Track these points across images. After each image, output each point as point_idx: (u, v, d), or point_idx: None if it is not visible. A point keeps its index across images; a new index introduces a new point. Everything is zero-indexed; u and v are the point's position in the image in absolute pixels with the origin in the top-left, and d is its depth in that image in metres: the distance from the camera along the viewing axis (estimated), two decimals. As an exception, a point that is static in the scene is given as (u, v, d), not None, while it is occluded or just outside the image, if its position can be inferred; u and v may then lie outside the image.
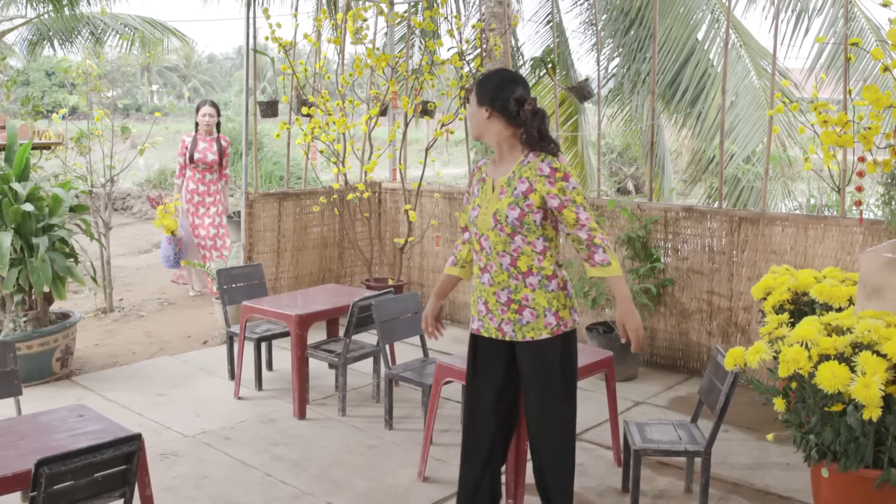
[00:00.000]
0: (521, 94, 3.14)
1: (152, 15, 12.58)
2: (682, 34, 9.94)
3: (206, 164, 7.65)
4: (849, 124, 4.01)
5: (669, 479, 4.08)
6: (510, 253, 3.15)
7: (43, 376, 5.46)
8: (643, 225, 5.72)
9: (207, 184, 7.72)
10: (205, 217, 7.74)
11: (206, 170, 7.69)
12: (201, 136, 7.69)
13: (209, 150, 7.67)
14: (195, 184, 7.70)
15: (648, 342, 5.89)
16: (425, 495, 3.89)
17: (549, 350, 3.17)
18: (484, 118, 3.17)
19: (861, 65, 9.21)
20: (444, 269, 3.60)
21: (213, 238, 7.81)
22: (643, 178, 17.89)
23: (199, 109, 7.84)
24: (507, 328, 3.20)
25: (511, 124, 3.16)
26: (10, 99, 8.98)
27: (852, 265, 4.87)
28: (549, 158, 3.10)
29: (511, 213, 3.10)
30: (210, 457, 4.32)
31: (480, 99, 3.17)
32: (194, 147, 7.62)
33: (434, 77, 6.54)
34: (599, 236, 3.05)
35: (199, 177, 7.69)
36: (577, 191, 3.06)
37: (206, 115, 7.73)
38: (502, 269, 3.18)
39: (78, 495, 2.61)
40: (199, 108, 7.87)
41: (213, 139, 7.71)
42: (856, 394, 2.84)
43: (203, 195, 7.74)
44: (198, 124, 7.75)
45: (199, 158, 7.60)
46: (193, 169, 7.66)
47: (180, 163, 7.78)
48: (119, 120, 8.22)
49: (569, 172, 3.08)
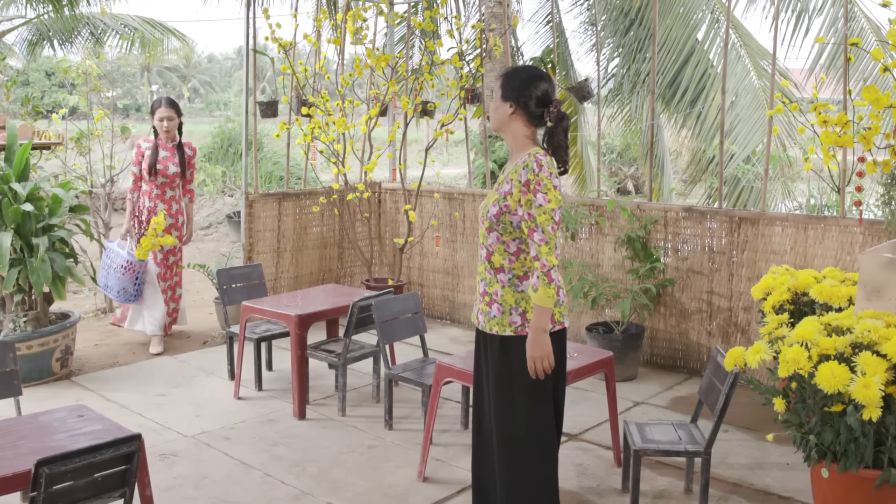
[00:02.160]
0: (548, 93, 3.11)
1: (152, 15, 12.56)
2: (681, 34, 9.95)
3: (166, 177, 6.21)
4: (849, 124, 4.01)
5: (669, 479, 4.08)
6: (487, 247, 3.17)
7: (43, 376, 5.46)
8: (643, 225, 5.72)
9: (168, 201, 6.25)
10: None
11: (167, 184, 6.23)
12: (162, 142, 6.25)
13: (170, 159, 6.24)
14: (152, 200, 6.21)
15: (648, 342, 5.89)
16: (425, 495, 3.89)
17: (512, 348, 3.12)
18: (508, 114, 3.13)
19: (861, 65, 9.21)
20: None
21: (164, 276, 6.34)
22: (643, 179, 17.89)
23: (154, 112, 6.30)
24: (481, 317, 3.22)
25: (531, 123, 3.13)
26: (9, 99, 8.96)
27: (852, 265, 4.87)
28: (532, 164, 2.99)
29: (491, 210, 3.10)
30: (210, 457, 4.32)
31: (506, 94, 3.13)
32: (155, 156, 6.16)
33: (434, 77, 6.54)
34: (543, 262, 2.96)
35: (156, 192, 6.20)
36: (542, 209, 2.95)
37: (162, 120, 6.20)
38: (482, 261, 3.21)
39: (78, 495, 2.61)
40: (153, 109, 6.32)
41: (174, 146, 6.29)
42: (856, 394, 2.84)
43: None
44: (155, 129, 6.29)
45: (160, 170, 6.17)
46: (151, 183, 6.19)
47: (135, 174, 6.26)
48: (119, 120, 8.21)
49: (545, 185, 2.96)
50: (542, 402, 3.14)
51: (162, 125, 6.20)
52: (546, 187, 2.96)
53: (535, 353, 3.01)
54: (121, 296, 6.10)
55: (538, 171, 2.97)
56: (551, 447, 3.21)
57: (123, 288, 6.06)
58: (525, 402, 3.13)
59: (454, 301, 7.14)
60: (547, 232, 2.96)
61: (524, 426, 3.14)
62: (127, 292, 6.09)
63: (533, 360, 3.02)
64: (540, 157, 3.01)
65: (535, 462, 3.16)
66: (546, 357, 3.01)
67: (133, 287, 6.10)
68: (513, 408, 3.15)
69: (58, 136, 8.12)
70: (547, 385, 3.14)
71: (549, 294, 2.96)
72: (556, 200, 2.98)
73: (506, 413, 3.17)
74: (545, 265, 2.96)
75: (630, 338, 5.58)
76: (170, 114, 6.23)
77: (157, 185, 6.21)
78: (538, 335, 3.00)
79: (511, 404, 3.16)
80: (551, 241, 2.97)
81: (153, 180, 6.19)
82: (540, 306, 2.98)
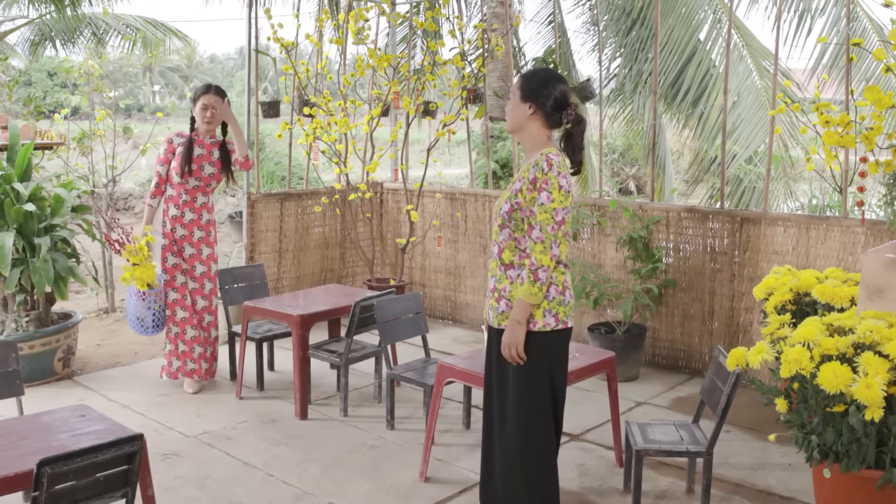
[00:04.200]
0: (565, 95, 3.14)
1: (154, 15, 12.63)
2: (683, 34, 9.94)
3: (200, 179, 5.17)
4: (851, 125, 4.01)
5: (671, 479, 4.08)
6: (498, 244, 3.20)
7: (45, 376, 5.46)
8: (645, 225, 5.72)
9: (198, 210, 5.20)
10: (193, 262, 5.23)
11: (199, 188, 5.19)
12: (199, 137, 5.21)
13: (206, 158, 5.20)
14: (179, 208, 5.14)
15: (650, 342, 5.89)
16: (427, 496, 3.89)
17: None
18: (527, 115, 3.15)
19: (863, 65, 9.19)
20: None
21: (199, 294, 5.25)
22: (645, 179, 17.89)
23: (196, 99, 5.20)
24: (490, 313, 3.27)
25: (548, 124, 3.16)
26: (12, 99, 8.98)
27: (854, 266, 4.87)
28: (543, 163, 3.02)
29: (504, 207, 3.14)
30: (212, 457, 4.33)
31: (526, 95, 3.15)
32: (189, 154, 5.12)
33: (436, 77, 6.54)
34: (532, 260, 3.02)
35: (185, 198, 5.14)
36: (543, 207, 2.99)
37: (206, 108, 5.13)
38: (494, 257, 3.24)
39: (80, 495, 2.61)
40: (196, 96, 5.22)
41: (214, 143, 5.27)
42: (858, 394, 2.83)
43: (191, 227, 5.20)
44: (193, 121, 5.22)
45: (193, 171, 5.13)
46: (180, 186, 5.14)
47: (159, 175, 5.18)
48: (121, 120, 8.20)
49: (551, 184, 2.99)
50: (542, 401, 3.16)
51: (204, 115, 5.12)
52: (552, 186, 3.00)
53: (507, 340, 3.10)
54: (138, 326, 5.20)
55: (547, 170, 3.01)
56: (550, 446, 3.22)
57: (139, 317, 5.15)
58: (525, 399, 3.16)
59: (456, 301, 7.14)
60: (544, 231, 3.00)
61: (524, 423, 3.17)
62: (143, 323, 5.17)
63: (506, 345, 3.10)
64: (552, 157, 3.04)
65: (534, 460, 3.18)
66: (516, 346, 3.08)
67: (150, 317, 5.14)
68: (514, 404, 3.18)
69: (60, 136, 8.13)
70: (547, 383, 3.16)
71: (533, 291, 3.03)
72: (559, 201, 3.00)
73: (507, 409, 3.20)
74: (534, 263, 3.02)
75: (632, 338, 5.58)
76: (215, 101, 5.13)
77: (188, 190, 5.14)
78: (513, 325, 3.08)
79: (512, 400, 3.18)
80: (546, 241, 3.01)
81: (183, 183, 5.13)
82: (521, 301, 3.05)
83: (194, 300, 5.26)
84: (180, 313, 5.24)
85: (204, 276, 5.27)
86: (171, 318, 5.24)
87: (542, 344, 3.12)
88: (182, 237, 5.19)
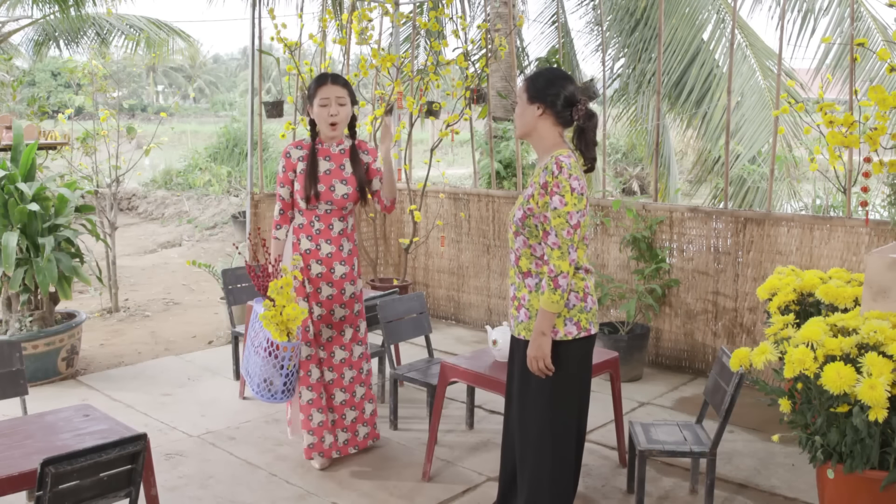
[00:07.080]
0: (573, 93, 3.07)
1: (157, 15, 12.67)
2: (687, 34, 9.94)
3: (331, 202, 4.05)
4: (855, 125, 4.00)
5: (674, 479, 4.07)
6: (515, 251, 3.14)
7: (48, 376, 5.47)
8: (648, 225, 5.72)
9: (336, 239, 4.10)
10: (333, 304, 4.14)
11: (334, 213, 4.09)
12: (322, 146, 4.07)
13: (336, 174, 4.05)
14: (312, 240, 4.07)
15: (654, 343, 5.89)
16: (430, 495, 3.89)
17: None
18: (536, 116, 3.06)
19: (867, 65, 9.18)
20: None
21: (339, 342, 4.18)
22: (648, 179, 17.88)
23: (313, 95, 4.00)
24: (511, 322, 3.22)
25: (559, 123, 3.08)
26: (16, 99, 9.00)
27: (858, 266, 4.86)
28: (552, 167, 2.94)
29: (517, 214, 3.08)
30: (215, 457, 4.33)
31: (532, 96, 3.07)
32: (313, 171, 4.00)
33: (439, 77, 6.54)
34: (551, 267, 2.93)
35: (318, 226, 4.07)
36: (557, 212, 2.90)
37: (327, 104, 3.97)
38: (512, 265, 3.19)
39: (83, 495, 2.61)
40: (312, 91, 4.01)
41: (343, 153, 4.10)
42: (862, 395, 2.83)
43: (331, 261, 4.10)
44: (314, 125, 4.07)
45: (321, 193, 4.01)
46: (310, 213, 4.06)
47: (282, 199, 4.10)
48: (124, 120, 8.21)
49: (563, 188, 2.91)
50: (564, 409, 3.12)
51: (326, 112, 3.97)
52: (564, 189, 2.91)
53: (533, 353, 3.01)
54: (262, 391, 3.92)
55: (557, 174, 2.92)
56: (568, 453, 3.16)
57: (266, 379, 3.90)
58: (547, 406, 3.10)
59: (459, 301, 7.14)
60: (560, 236, 2.92)
61: (545, 430, 3.11)
62: (272, 387, 3.90)
63: (531, 359, 3.02)
64: (562, 159, 2.95)
65: (550, 467, 3.12)
66: (543, 359, 3.00)
67: (280, 379, 3.89)
68: (534, 411, 3.13)
69: (64, 136, 8.14)
70: (570, 393, 3.12)
71: (555, 300, 2.94)
72: (573, 203, 2.91)
73: (527, 416, 3.16)
74: (553, 270, 2.93)
75: (635, 338, 5.57)
76: (340, 94, 4.00)
77: (319, 216, 4.07)
78: (538, 336, 3.00)
79: (533, 408, 3.13)
80: (563, 246, 2.92)
81: (313, 209, 4.06)
82: (544, 310, 2.97)
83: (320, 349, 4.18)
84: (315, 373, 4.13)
85: (346, 321, 4.20)
86: (305, 381, 4.11)
87: (564, 353, 3.06)
88: (318, 275, 4.11)
